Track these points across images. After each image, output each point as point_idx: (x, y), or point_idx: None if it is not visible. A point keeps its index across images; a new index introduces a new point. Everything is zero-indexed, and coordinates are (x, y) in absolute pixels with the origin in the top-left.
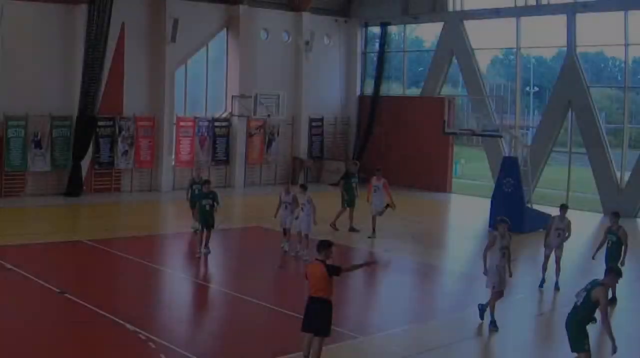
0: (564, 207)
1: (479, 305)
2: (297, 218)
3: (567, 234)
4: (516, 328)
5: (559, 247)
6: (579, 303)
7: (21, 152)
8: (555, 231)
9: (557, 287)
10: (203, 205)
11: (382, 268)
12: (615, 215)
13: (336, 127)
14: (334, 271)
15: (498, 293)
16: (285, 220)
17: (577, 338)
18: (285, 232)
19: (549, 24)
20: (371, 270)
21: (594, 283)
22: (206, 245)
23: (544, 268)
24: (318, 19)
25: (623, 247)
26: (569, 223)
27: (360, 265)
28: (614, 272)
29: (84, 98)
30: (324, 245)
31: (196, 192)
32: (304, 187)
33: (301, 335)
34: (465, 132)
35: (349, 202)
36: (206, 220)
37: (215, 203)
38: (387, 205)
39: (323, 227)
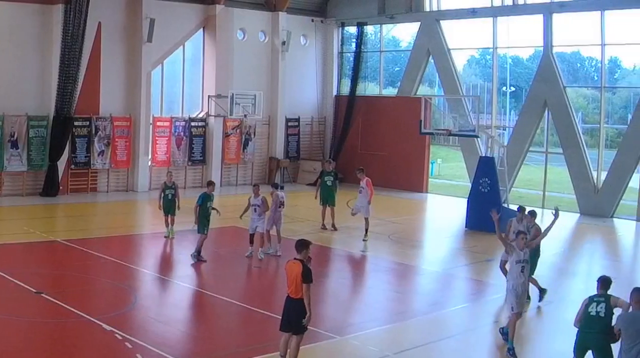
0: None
1: (500, 329)
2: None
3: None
4: (493, 328)
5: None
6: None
7: None
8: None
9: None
10: (207, 208)
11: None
12: (521, 209)
13: (312, 127)
14: (306, 279)
15: (516, 315)
16: (253, 224)
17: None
18: (252, 238)
19: (526, 24)
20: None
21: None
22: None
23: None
24: (294, 19)
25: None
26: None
27: (309, 306)
28: None
29: (61, 98)
30: (304, 245)
31: (169, 197)
32: (275, 186)
33: (279, 335)
34: (442, 132)
35: (323, 200)
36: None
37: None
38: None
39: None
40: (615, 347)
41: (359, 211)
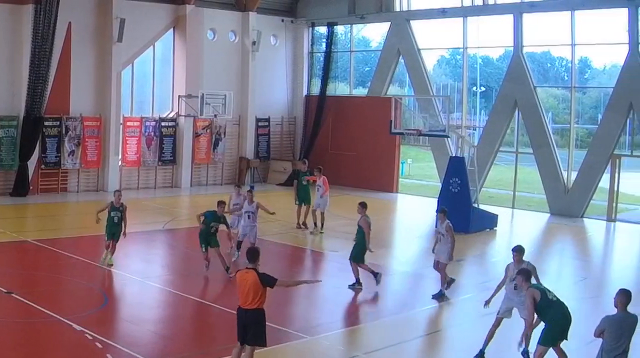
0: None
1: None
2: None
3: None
4: (463, 328)
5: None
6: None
7: None
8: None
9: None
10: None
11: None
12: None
13: (283, 127)
14: (268, 282)
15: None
16: (244, 231)
17: None
18: (240, 245)
19: (496, 24)
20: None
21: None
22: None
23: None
24: (265, 19)
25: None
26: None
27: (300, 282)
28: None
29: (31, 98)
30: (256, 254)
31: (115, 220)
32: (239, 187)
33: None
34: (412, 132)
35: (300, 200)
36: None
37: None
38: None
39: (277, 227)
40: (596, 347)
41: (318, 207)
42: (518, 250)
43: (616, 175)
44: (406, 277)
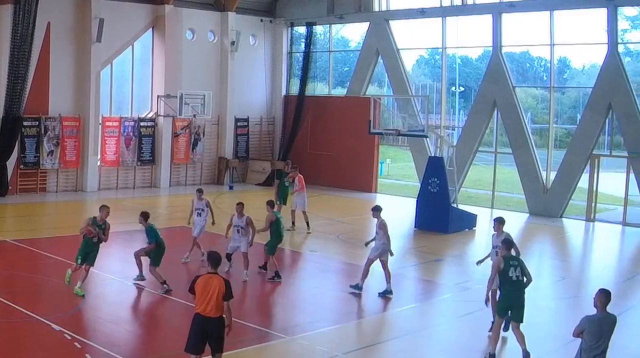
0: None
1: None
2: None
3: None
4: (442, 328)
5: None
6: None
7: None
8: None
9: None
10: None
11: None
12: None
13: (262, 127)
14: (229, 296)
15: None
16: (234, 243)
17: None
18: (229, 257)
19: (475, 24)
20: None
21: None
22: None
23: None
24: (244, 19)
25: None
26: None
27: (230, 318)
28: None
29: (10, 98)
30: (219, 260)
31: (94, 239)
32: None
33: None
34: (391, 132)
35: (281, 199)
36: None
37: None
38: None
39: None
40: (575, 347)
41: (297, 206)
42: (499, 221)
43: (595, 175)
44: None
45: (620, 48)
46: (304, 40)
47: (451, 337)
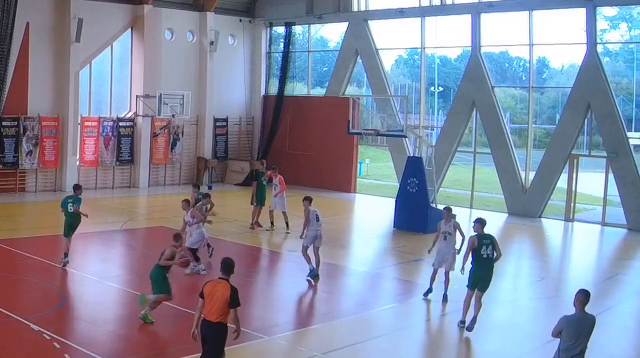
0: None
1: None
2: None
3: None
4: (421, 328)
5: None
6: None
7: None
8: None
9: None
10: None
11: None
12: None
13: (241, 127)
14: (234, 303)
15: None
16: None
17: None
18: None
19: (454, 24)
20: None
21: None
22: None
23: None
24: (222, 19)
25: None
26: None
27: (238, 326)
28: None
29: None
30: (232, 266)
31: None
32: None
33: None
34: (370, 132)
35: (259, 200)
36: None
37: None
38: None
39: (233, 227)
40: (554, 347)
41: (276, 206)
42: (448, 209)
43: (574, 175)
44: (364, 276)
45: (599, 48)
46: (282, 40)
47: (430, 336)
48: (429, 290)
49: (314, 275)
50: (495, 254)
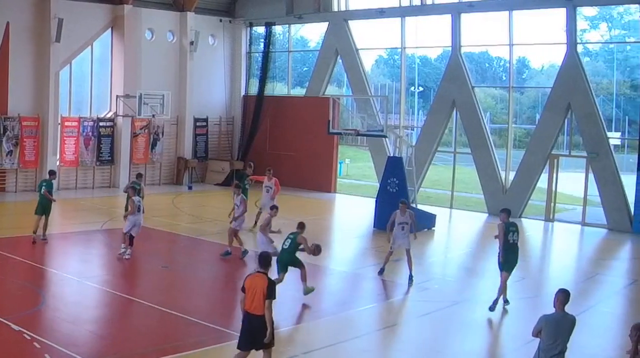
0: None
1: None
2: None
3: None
4: (400, 328)
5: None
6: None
7: None
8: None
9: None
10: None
11: None
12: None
13: (221, 127)
14: (271, 295)
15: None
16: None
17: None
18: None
19: (434, 24)
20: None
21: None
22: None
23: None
24: (203, 19)
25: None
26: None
27: (271, 322)
28: None
29: None
30: (269, 259)
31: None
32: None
33: (189, 334)
34: (350, 132)
35: None
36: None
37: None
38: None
39: (214, 227)
40: (534, 347)
41: (264, 207)
42: (403, 203)
43: (554, 175)
44: (344, 276)
45: (579, 48)
46: (263, 40)
47: (410, 336)
48: (382, 270)
49: (228, 253)
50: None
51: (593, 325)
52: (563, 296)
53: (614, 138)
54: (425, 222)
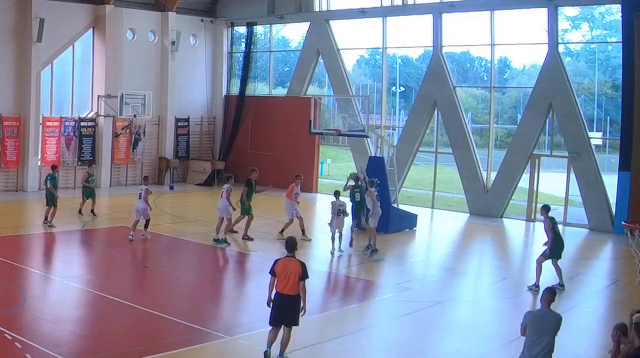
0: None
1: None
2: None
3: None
4: (382, 328)
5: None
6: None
7: None
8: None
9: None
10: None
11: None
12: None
13: (202, 127)
14: (306, 275)
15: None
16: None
17: None
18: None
19: (415, 24)
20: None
21: None
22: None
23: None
24: (184, 19)
25: None
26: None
27: (305, 299)
28: None
29: None
30: (295, 244)
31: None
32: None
33: (169, 334)
34: (332, 132)
35: (247, 210)
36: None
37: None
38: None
39: (195, 227)
40: (516, 346)
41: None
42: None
43: (535, 175)
44: (325, 276)
45: (561, 48)
46: (244, 40)
47: (391, 336)
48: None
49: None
50: None
51: (575, 325)
52: (549, 294)
53: (596, 138)
54: (407, 222)
